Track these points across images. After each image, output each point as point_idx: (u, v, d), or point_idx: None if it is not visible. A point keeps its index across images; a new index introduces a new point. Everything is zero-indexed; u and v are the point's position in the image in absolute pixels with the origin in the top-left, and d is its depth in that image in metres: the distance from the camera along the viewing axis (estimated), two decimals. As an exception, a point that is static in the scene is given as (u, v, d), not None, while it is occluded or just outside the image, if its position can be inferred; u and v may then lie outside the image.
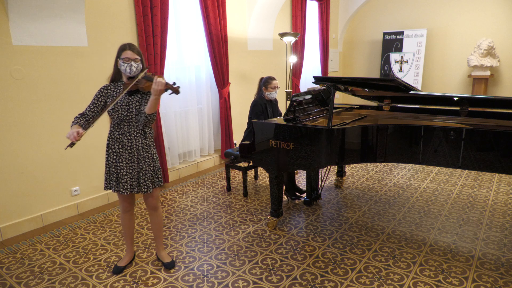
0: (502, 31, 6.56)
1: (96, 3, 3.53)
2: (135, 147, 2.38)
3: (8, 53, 3.01)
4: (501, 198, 3.86)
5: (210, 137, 5.23)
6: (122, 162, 2.38)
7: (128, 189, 2.40)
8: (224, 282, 2.48)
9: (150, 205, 2.55)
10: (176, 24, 4.52)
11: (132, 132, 2.37)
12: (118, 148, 2.37)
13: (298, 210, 3.66)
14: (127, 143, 2.37)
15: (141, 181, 2.42)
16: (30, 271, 2.65)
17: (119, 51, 2.32)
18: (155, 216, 2.60)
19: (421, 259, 2.71)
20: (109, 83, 2.42)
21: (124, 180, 2.39)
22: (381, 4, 7.86)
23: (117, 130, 2.36)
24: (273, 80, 3.84)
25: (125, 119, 2.34)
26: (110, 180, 2.42)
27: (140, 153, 2.40)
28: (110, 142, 2.38)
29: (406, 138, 2.86)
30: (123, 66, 2.30)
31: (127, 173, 2.39)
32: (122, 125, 2.36)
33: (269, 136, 3.03)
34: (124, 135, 2.36)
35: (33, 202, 3.32)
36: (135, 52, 2.32)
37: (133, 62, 2.31)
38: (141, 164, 2.41)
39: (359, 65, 8.51)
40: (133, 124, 2.37)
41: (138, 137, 2.39)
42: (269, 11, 5.64)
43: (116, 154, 2.37)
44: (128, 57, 2.29)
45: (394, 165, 5.12)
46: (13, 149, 3.13)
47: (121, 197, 2.51)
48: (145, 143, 2.42)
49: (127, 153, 2.37)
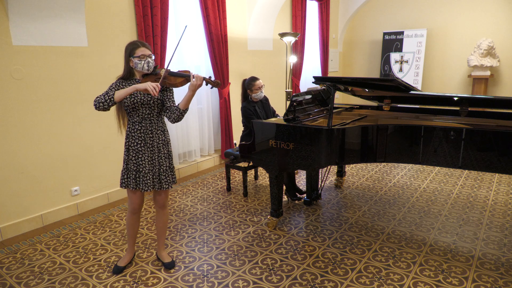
0: (502, 31, 6.56)
1: (96, 3, 3.53)
2: (155, 145, 2.39)
3: (8, 53, 3.01)
4: (501, 198, 3.86)
5: (210, 137, 5.23)
6: (144, 160, 2.38)
7: (150, 186, 2.40)
8: (224, 282, 2.48)
9: (160, 203, 2.55)
10: (176, 24, 4.52)
11: (153, 130, 2.38)
12: (140, 146, 2.37)
13: (298, 210, 3.66)
14: (149, 141, 2.37)
15: (162, 177, 2.44)
16: (30, 271, 2.65)
17: (130, 50, 2.28)
18: (162, 215, 2.60)
19: (421, 259, 2.71)
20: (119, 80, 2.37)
21: (147, 178, 2.39)
22: (381, 4, 7.86)
23: (139, 129, 2.36)
24: (256, 81, 3.75)
25: (147, 117, 2.35)
26: (128, 178, 2.42)
27: (160, 150, 2.42)
28: (130, 140, 2.38)
29: (406, 138, 2.86)
30: (140, 63, 2.27)
31: (149, 170, 2.39)
32: (144, 123, 2.36)
33: (269, 136, 3.03)
34: (146, 133, 2.37)
35: (33, 202, 3.32)
36: (148, 48, 2.31)
37: (149, 58, 2.29)
38: (161, 161, 2.42)
39: (359, 65, 8.51)
40: (154, 122, 2.38)
41: (159, 134, 2.41)
42: (269, 11, 5.64)
43: (138, 152, 2.38)
44: (143, 54, 2.27)
45: (394, 165, 5.12)
46: (13, 149, 3.13)
47: (134, 197, 2.49)
48: (165, 140, 2.44)
49: (149, 150, 2.38)
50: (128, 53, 2.30)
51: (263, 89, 3.82)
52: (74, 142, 3.53)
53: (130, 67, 2.34)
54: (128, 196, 2.53)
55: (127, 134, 2.40)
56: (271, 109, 4.07)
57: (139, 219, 2.63)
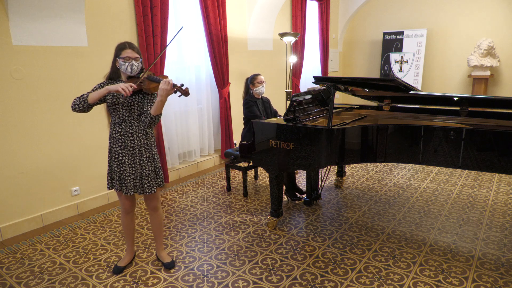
0: (502, 31, 6.56)
1: (96, 3, 3.53)
2: (137, 148, 2.36)
3: (8, 53, 3.01)
4: (501, 198, 3.86)
5: (210, 137, 5.23)
6: (125, 163, 2.37)
7: (131, 189, 2.39)
8: (224, 282, 2.48)
9: (151, 206, 2.55)
10: (176, 24, 4.52)
11: (134, 132, 2.35)
12: (120, 148, 2.36)
13: (298, 210, 3.66)
14: (129, 144, 2.35)
15: (144, 181, 2.41)
16: (30, 271, 2.65)
17: (118, 50, 2.29)
18: (155, 217, 2.60)
19: (421, 259, 2.71)
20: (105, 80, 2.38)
21: (127, 181, 2.37)
22: (381, 4, 7.86)
23: (119, 131, 2.34)
24: (258, 76, 3.95)
25: (126, 119, 2.33)
26: (113, 179, 2.41)
27: (142, 153, 2.38)
28: (112, 142, 2.37)
29: (406, 138, 2.86)
30: (124, 65, 2.27)
31: (130, 173, 2.37)
32: (124, 125, 2.34)
33: (269, 136, 3.03)
34: (126, 136, 2.34)
35: (33, 202, 3.32)
36: (135, 51, 2.30)
37: (134, 61, 2.28)
38: (143, 165, 2.39)
39: (359, 65, 8.51)
40: (135, 125, 2.35)
41: (140, 137, 2.37)
42: (269, 11, 5.64)
43: (119, 154, 2.36)
44: (128, 56, 2.26)
45: (394, 165, 5.12)
46: (13, 149, 3.13)
47: (123, 198, 2.50)
48: (147, 143, 2.40)
49: (130, 153, 2.36)
50: (115, 53, 2.30)
51: (264, 85, 3.94)
52: (74, 142, 3.53)
53: (116, 67, 2.33)
54: (118, 198, 2.53)
55: (109, 135, 2.38)
56: (273, 110, 4.11)
57: (133, 218, 2.62)
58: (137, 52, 2.31)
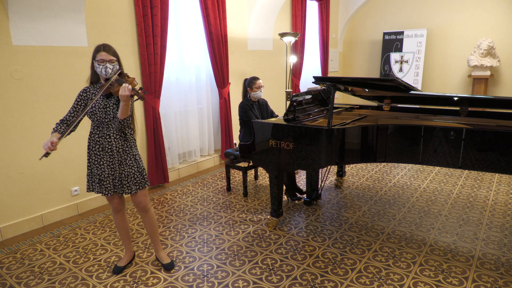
0: (502, 31, 6.56)
1: (96, 3, 3.53)
2: (115, 149, 2.36)
3: (8, 53, 3.01)
4: (501, 198, 3.86)
5: (210, 137, 5.23)
6: (104, 164, 2.37)
7: (111, 190, 2.39)
8: (224, 282, 2.48)
9: (139, 207, 2.52)
10: (176, 24, 4.52)
11: (111, 134, 2.35)
12: (98, 150, 2.36)
13: (298, 210, 3.66)
14: (107, 146, 2.35)
15: (124, 182, 2.40)
16: (30, 271, 2.65)
17: (94, 53, 2.28)
18: (146, 218, 2.57)
19: (421, 259, 2.71)
20: (88, 85, 2.38)
21: (107, 182, 2.38)
22: (381, 4, 7.86)
23: (97, 133, 2.35)
24: (257, 80, 3.86)
25: (103, 121, 2.32)
26: (93, 182, 2.42)
27: (120, 155, 2.38)
28: (91, 144, 2.37)
29: (406, 138, 2.86)
30: (98, 68, 2.26)
31: (109, 174, 2.38)
32: (101, 127, 2.34)
33: (269, 136, 3.03)
34: (103, 138, 2.34)
35: (33, 202, 3.32)
36: (110, 53, 2.27)
37: (108, 63, 2.26)
38: (122, 166, 2.38)
39: (359, 65, 8.51)
40: (111, 127, 2.35)
41: (118, 139, 2.36)
42: (269, 11, 5.64)
43: (97, 156, 2.37)
44: (102, 59, 2.24)
45: (394, 165, 5.12)
46: (13, 149, 3.13)
47: (109, 198, 2.50)
48: (126, 145, 2.39)
49: (108, 155, 2.36)
50: (92, 56, 2.29)
51: (262, 89, 3.88)
52: (74, 142, 3.53)
53: (94, 70, 2.33)
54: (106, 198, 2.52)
55: (88, 138, 2.39)
56: (270, 110, 4.10)
57: (124, 216, 2.62)
58: (112, 54, 2.28)
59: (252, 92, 3.86)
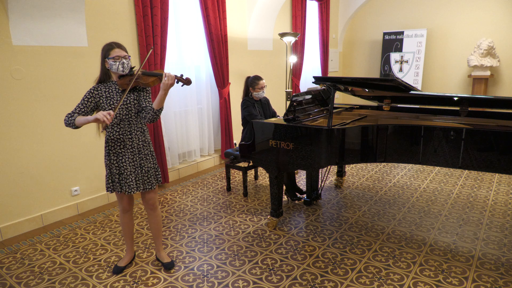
0: (502, 31, 6.56)
1: (96, 3, 3.53)
2: (136, 145, 2.38)
3: (8, 53, 3.01)
4: (501, 198, 3.86)
5: (210, 137, 5.23)
6: (125, 162, 2.37)
7: (134, 188, 2.39)
8: (224, 282, 2.48)
9: (149, 204, 2.53)
10: (176, 24, 4.52)
11: (132, 130, 2.37)
12: (119, 148, 2.36)
13: (298, 210, 3.66)
14: (128, 142, 2.36)
15: (145, 178, 2.43)
16: (30, 271, 2.65)
17: (105, 51, 2.28)
18: (153, 216, 2.59)
19: (421, 259, 2.71)
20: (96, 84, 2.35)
21: (129, 180, 2.37)
22: (381, 4, 7.86)
23: (117, 131, 2.34)
24: (260, 80, 3.79)
25: (124, 118, 2.33)
26: (113, 182, 2.40)
27: (141, 150, 2.40)
28: (110, 143, 2.36)
29: (406, 138, 2.86)
30: (115, 64, 2.26)
31: (131, 172, 2.38)
32: (122, 124, 2.34)
33: (269, 136, 3.03)
34: (125, 135, 2.35)
35: (33, 202, 3.32)
36: (123, 49, 2.30)
37: (124, 59, 2.28)
38: (143, 162, 2.41)
39: (359, 65, 8.51)
40: (133, 123, 2.36)
41: (138, 135, 2.39)
42: (269, 11, 5.64)
43: (118, 154, 2.36)
44: (118, 55, 2.26)
45: (394, 165, 5.12)
46: (13, 149, 3.13)
47: (121, 198, 2.50)
48: (145, 140, 2.43)
49: (129, 152, 2.37)
50: (103, 55, 2.29)
51: (264, 89, 3.85)
52: (74, 142, 3.53)
53: (106, 69, 2.32)
54: (116, 197, 2.54)
55: (106, 139, 2.37)
56: (272, 110, 4.08)
57: (132, 217, 2.63)
58: (125, 50, 2.31)
59: (254, 92, 3.82)
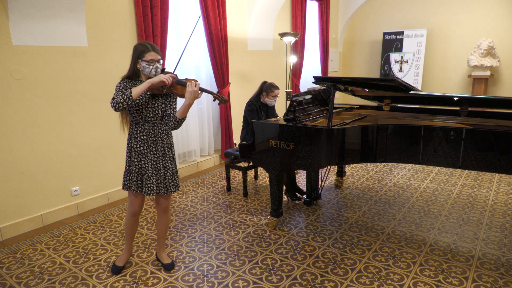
0: (502, 31, 6.56)
1: (96, 3, 3.53)
2: (160, 148, 2.37)
3: (8, 53, 3.01)
4: (501, 198, 3.86)
5: (210, 137, 5.23)
6: (147, 163, 2.35)
7: (154, 190, 2.37)
8: (224, 282, 2.48)
9: (163, 206, 2.52)
10: (176, 24, 4.52)
11: (157, 132, 2.36)
12: (143, 149, 2.34)
13: (298, 210, 3.66)
14: (152, 144, 2.35)
15: (168, 181, 2.41)
16: (30, 271, 2.65)
17: (140, 52, 2.23)
18: (164, 218, 2.58)
19: (421, 259, 2.71)
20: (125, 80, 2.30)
21: (150, 182, 2.36)
22: (381, 4, 7.86)
23: (141, 131, 2.33)
24: (275, 90, 3.84)
25: (150, 120, 2.33)
26: (131, 180, 2.38)
27: (165, 153, 2.39)
28: (133, 142, 2.34)
29: (406, 138, 2.86)
30: (148, 68, 2.23)
31: (153, 174, 2.36)
32: (147, 125, 2.33)
33: (269, 136, 3.03)
34: (149, 136, 2.34)
35: (33, 202, 3.32)
36: (158, 52, 2.27)
37: (158, 63, 2.26)
38: (167, 165, 2.40)
39: (359, 65, 8.51)
40: (157, 125, 2.35)
41: (163, 137, 2.38)
42: (269, 11, 5.64)
43: (141, 154, 2.34)
44: (153, 59, 2.23)
45: (394, 165, 5.12)
46: (13, 149, 3.13)
47: (134, 199, 2.45)
48: (169, 143, 2.42)
49: (152, 154, 2.35)
50: (137, 55, 2.25)
51: (277, 99, 3.90)
52: (74, 142, 3.53)
53: (137, 69, 2.28)
54: (129, 198, 2.50)
55: (130, 135, 2.36)
56: (275, 114, 4.10)
57: (138, 221, 2.62)
58: (159, 53, 2.29)
59: (266, 98, 3.87)
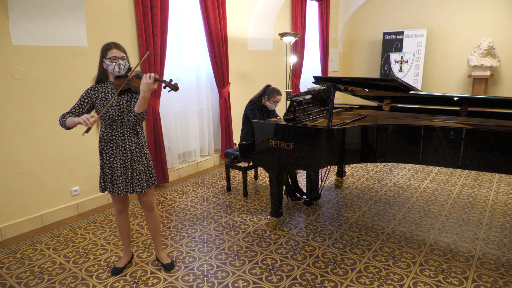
0: (502, 31, 6.56)
1: (96, 3, 3.53)
2: (128, 147, 2.36)
3: (8, 53, 3.01)
4: (501, 198, 3.86)
5: (210, 137, 5.23)
6: (117, 163, 2.36)
7: (123, 190, 2.38)
8: (224, 282, 2.48)
9: (145, 205, 2.53)
10: (176, 24, 4.52)
11: (125, 132, 2.35)
12: (111, 149, 2.35)
13: (298, 210, 3.66)
14: (120, 144, 2.35)
15: (135, 181, 2.40)
16: (30, 271, 2.65)
17: (103, 51, 2.28)
18: (151, 217, 2.58)
19: (421, 259, 2.71)
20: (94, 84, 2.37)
21: (119, 181, 2.37)
22: (381, 4, 7.86)
23: (110, 131, 2.34)
24: (277, 95, 3.84)
25: (117, 119, 2.32)
26: (105, 182, 2.41)
27: (133, 153, 2.38)
28: (103, 144, 2.36)
29: (406, 138, 2.86)
30: (111, 65, 2.27)
31: (122, 173, 2.37)
32: (114, 125, 2.33)
33: (269, 136, 3.03)
34: (117, 136, 2.34)
35: (33, 202, 3.32)
36: (121, 50, 2.30)
37: (121, 60, 2.27)
38: (134, 164, 2.39)
39: (359, 65, 8.51)
40: (125, 124, 2.35)
41: (131, 137, 2.37)
42: (269, 11, 5.64)
43: (110, 155, 2.36)
44: (115, 56, 2.26)
45: (394, 165, 5.12)
46: (13, 149, 3.13)
47: (116, 198, 2.50)
48: (138, 142, 2.40)
49: (121, 153, 2.36)
50: (101, 55, 2.29)
51: (277, 104, 3.90)
52: (74, 142, 3.53)
53: (104, 69, 2.32)
54: (112, 198, 2.53)
55: (100, 138, 2.37)
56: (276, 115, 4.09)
57: (127, 217, 2.62)
58: (123, 51, 2.30)
59: (267, 102, 3.87)
